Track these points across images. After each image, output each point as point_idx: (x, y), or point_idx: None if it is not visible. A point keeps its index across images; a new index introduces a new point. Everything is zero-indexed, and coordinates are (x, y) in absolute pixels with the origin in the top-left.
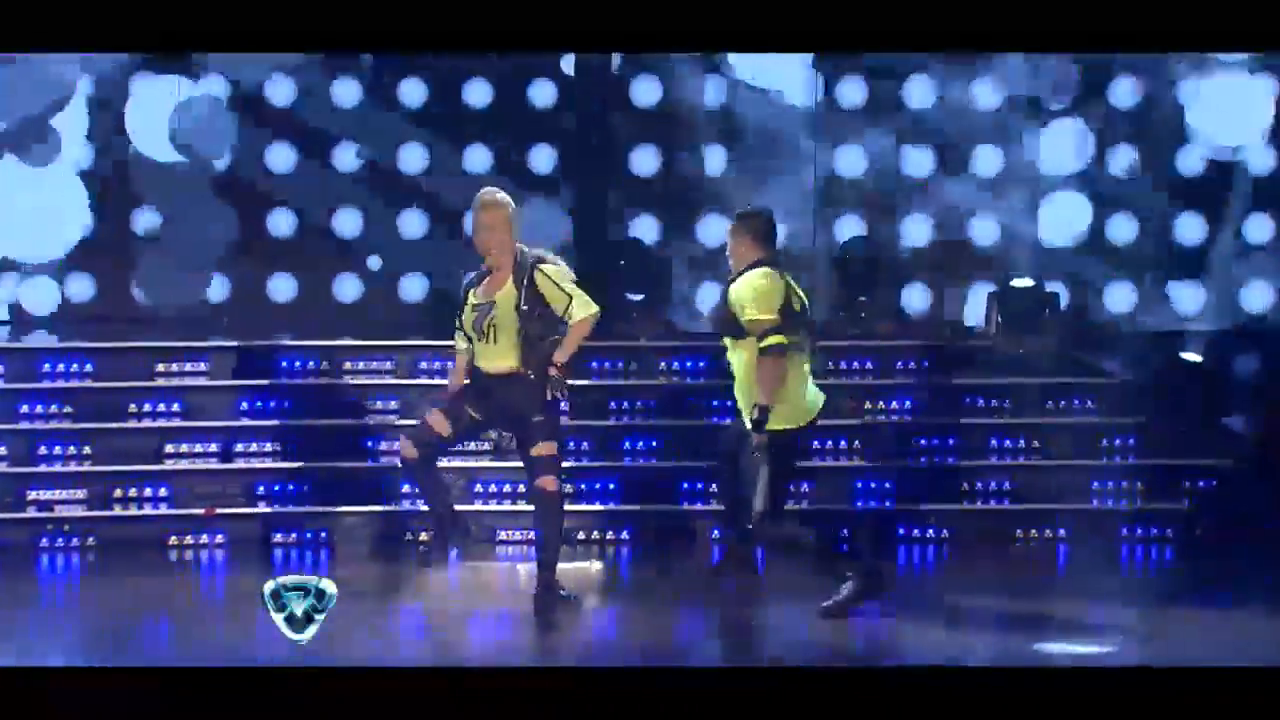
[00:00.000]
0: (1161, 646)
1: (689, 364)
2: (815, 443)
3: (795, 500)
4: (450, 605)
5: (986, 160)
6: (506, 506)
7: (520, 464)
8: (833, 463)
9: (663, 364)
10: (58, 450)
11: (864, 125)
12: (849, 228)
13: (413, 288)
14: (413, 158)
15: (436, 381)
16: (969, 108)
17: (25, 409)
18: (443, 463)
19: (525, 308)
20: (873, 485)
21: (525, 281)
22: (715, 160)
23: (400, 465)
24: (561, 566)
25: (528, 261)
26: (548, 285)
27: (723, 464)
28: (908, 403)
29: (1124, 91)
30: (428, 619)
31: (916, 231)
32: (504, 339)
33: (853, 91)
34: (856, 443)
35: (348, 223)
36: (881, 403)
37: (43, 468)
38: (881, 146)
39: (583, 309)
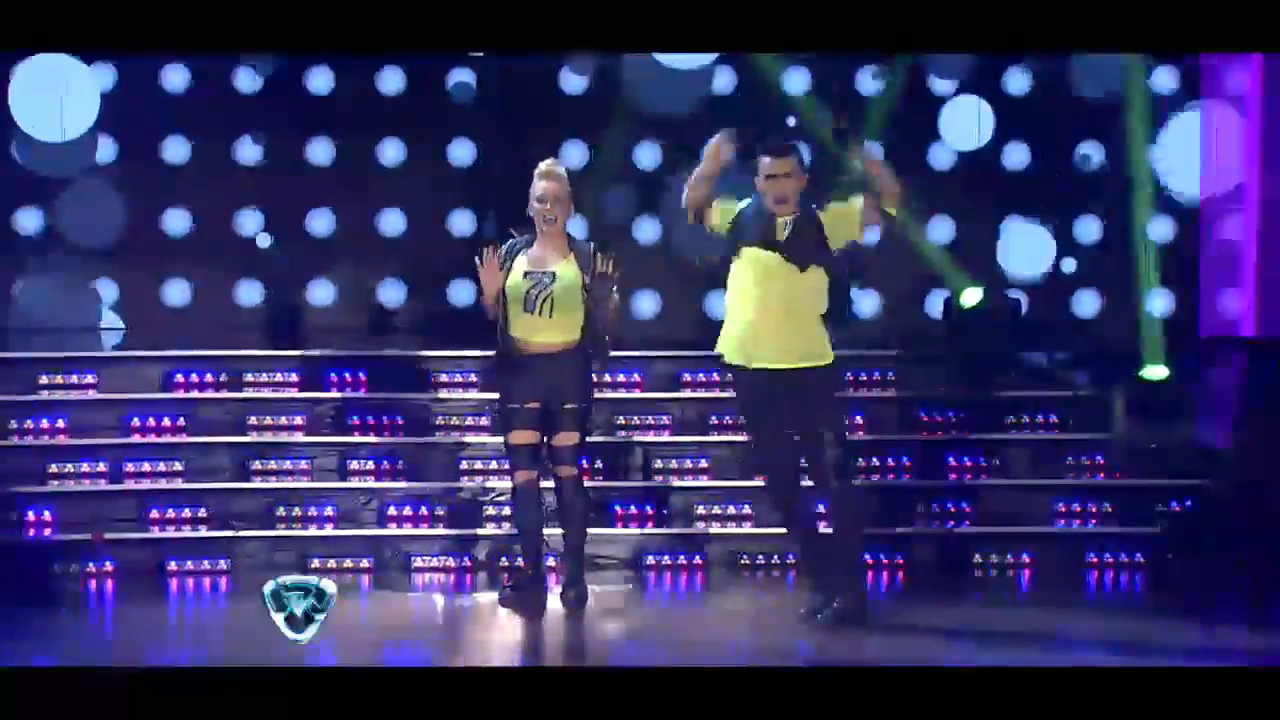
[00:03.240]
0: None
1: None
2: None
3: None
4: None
5: (939, 156)
6: (423, 530)
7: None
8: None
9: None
10: None
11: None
12: None
13: (322, 293)
14: (322, 152)
15: (345, 395)
16: (918, 97)
17: None
18: (355, 483)
19: (589, 289)
20: (821, 507)
21: (590, 264)
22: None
23: (514, 495)
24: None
25: (588, 245)
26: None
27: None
28: (857, 417)
29: (1089, 82)
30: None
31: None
32: (560, 315)
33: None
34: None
35: (250, 222)
36: None
37: None
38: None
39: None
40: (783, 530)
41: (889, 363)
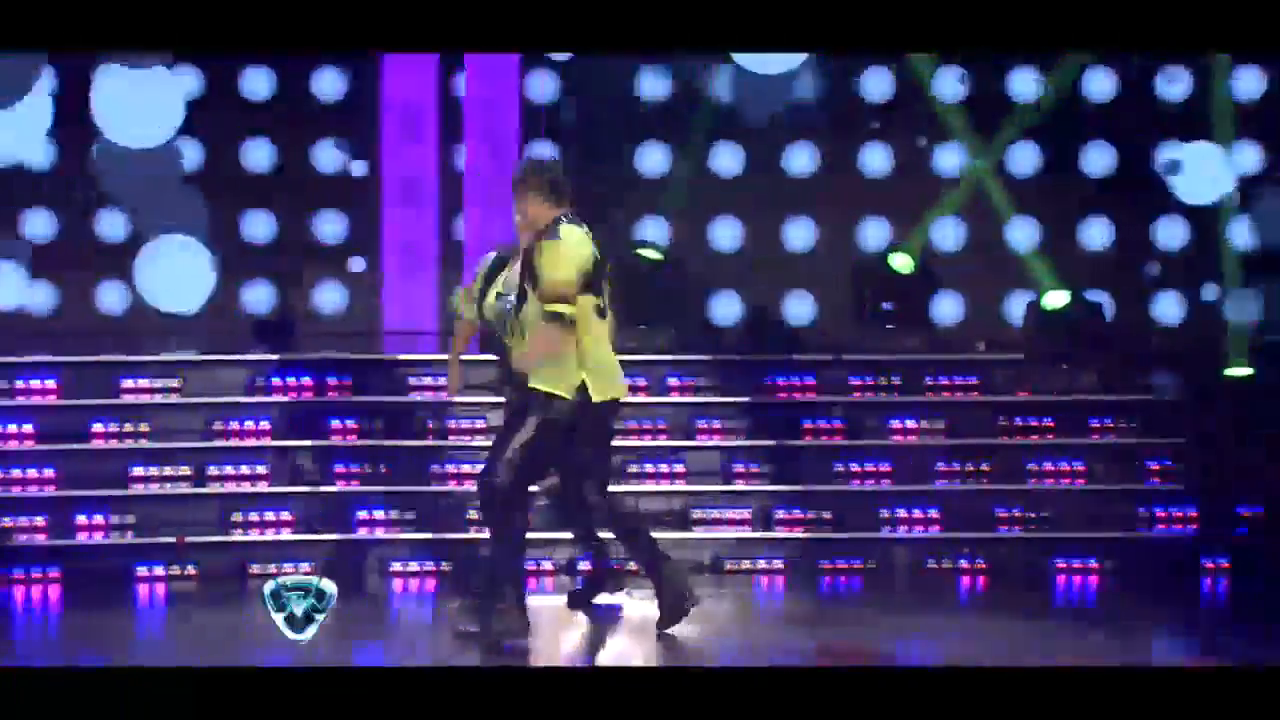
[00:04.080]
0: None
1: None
2: (840, 464)
3: None
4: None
5: (1023, 160)
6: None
7: None
8: (857, 486)
9: (673, 379)
10: (16, 473)
11: (889, 120)
12: (874, 233)
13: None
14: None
15: (435, 398)
16: (1002, 100)
17: None
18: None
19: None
20: (900, 512)
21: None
22: (727, 159)
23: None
24: None
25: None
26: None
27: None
28: (939, 423)
29: (1177, 86)
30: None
31: (947, 236)
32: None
33: (877, 85)
34: (885, 464)
35: (328, 225)
36: (909, 421)
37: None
38: (908, 143)
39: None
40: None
41: (971, 366)
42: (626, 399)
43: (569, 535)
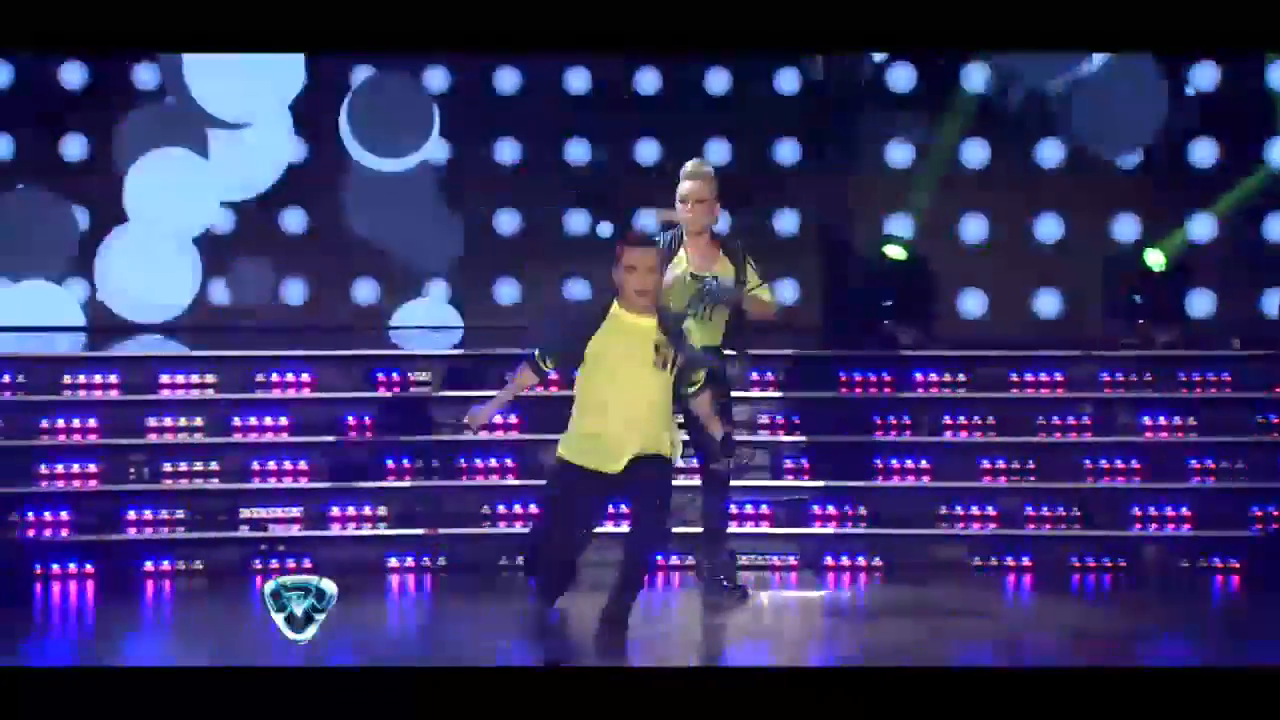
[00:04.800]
0: None
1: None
2: (1087, 460)
3: None
4: None
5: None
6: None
7: None
8: (1108, 483)
9: (919, 374)
10: (273, 465)
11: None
12: (1126, 228)
13: None
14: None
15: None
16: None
17: (239, 421)
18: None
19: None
20: (1152, 510)
21: (739, 262)
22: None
23: None
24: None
25: (736, 242)
26: (752, 271)
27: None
28: (1191, 419)
29: None
30: None
31: (1200, 229)
32: (719, 317)
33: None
34: (1133, 461)
35: (579, 222)
36: (1162, 418)
37: (257, 484)
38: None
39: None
40: None
41: (1224, 363)
42: None
43: None
